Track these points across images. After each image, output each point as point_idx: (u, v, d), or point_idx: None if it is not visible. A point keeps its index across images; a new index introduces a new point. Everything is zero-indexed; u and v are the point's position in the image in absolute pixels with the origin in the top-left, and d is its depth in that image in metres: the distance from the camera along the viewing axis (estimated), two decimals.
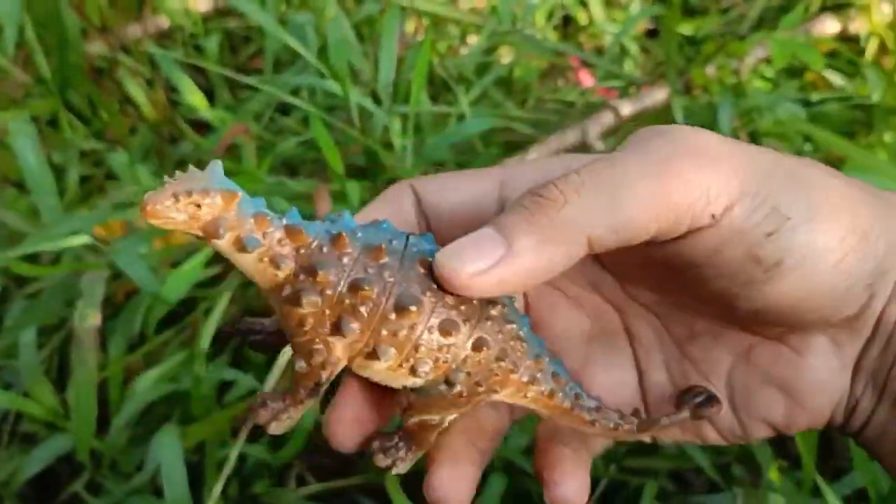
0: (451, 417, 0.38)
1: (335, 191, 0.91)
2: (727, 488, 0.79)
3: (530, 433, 0.81)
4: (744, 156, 0.37)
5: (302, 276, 0.35)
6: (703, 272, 0.38)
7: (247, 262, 0.35)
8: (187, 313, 0.89)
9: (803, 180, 0.37)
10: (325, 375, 0.36)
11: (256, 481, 0.84)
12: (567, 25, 1.45)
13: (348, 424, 0.39)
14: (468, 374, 0.36)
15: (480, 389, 0.37)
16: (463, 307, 0.36)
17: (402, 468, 0.39)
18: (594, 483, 0.84)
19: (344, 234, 0.35)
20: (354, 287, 0.35)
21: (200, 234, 0.34)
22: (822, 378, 0.40)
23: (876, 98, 1.07)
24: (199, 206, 0.33)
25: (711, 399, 0.40)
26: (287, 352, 0.74)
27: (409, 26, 1.34)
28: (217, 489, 0.74)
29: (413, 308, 0.35)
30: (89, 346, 0.67)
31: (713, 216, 0.35)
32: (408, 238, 0.37)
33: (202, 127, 1.21)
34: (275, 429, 0.38)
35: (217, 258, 0.90)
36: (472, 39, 1.33)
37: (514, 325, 0.37)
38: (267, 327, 0.41)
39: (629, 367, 0.44)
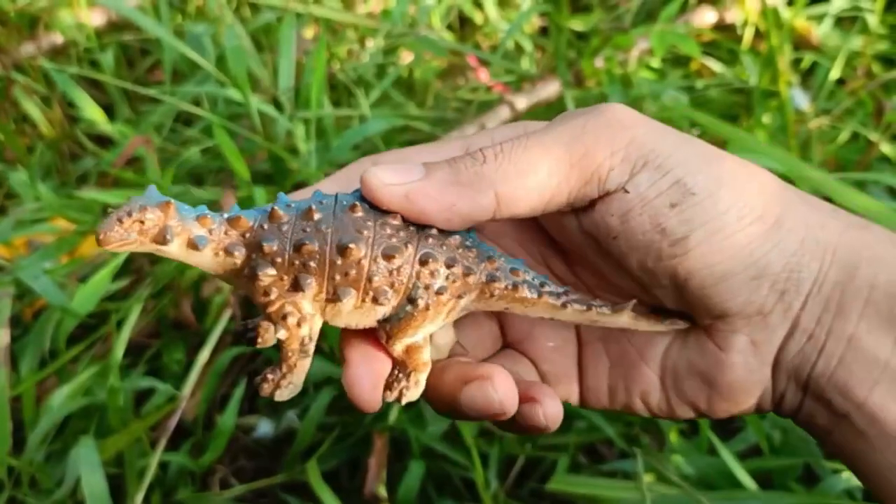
0: (429, 331, 0.41)
1: (242, 197, 0.92)
2: (634, 455, 0.84)
3: (448, 421, 0.84)
4: (656, 131, 0.39)
5: (253, 255, 0.39)
6: (619, 244, 0.40)
7: (205, 259, 0.39)
8: (96, 327, 0.89)
9: (713, 161, 0.39)
10: (305, 332, 0.40)
11: (179, 488, 0.85)
12: (464, 26, 1.48)
13: (364, 380, 0.41)
14: (426, 287, 0.39)
15: (444, 298, 0.40)
16: (401, 233, 0.39)
17: (411, 395, 0.42)
18: (511, 461, 0.87)
19: (276, 207, 0.39)
20: (298, 247, 0.38)
21: (155, 247, 0.38)
22: (740, 375, 0.41)
23: (753, 82, 1.14)
24: (142, 222, 0.37)
25: (685, 316, 0.42)
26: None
27: (308, 32, 1.35)
28: (139, 498, 0.75)
29: (352, 246, 0.38)
30: (0, 365, 0.66)
31: (623, 188, 0.38)
32: (336, 196, 0.40)
33: (102, 142, 1.20)
34: (279, 396, 0.42)
35: (125, 270, 0.90)
36: (371, 43, 1.35)
37: (457, 237, 0.40)
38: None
39: (571, 340, 0.47)
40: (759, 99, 1.12)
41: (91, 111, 1.11)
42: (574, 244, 0.44)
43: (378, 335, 0.41)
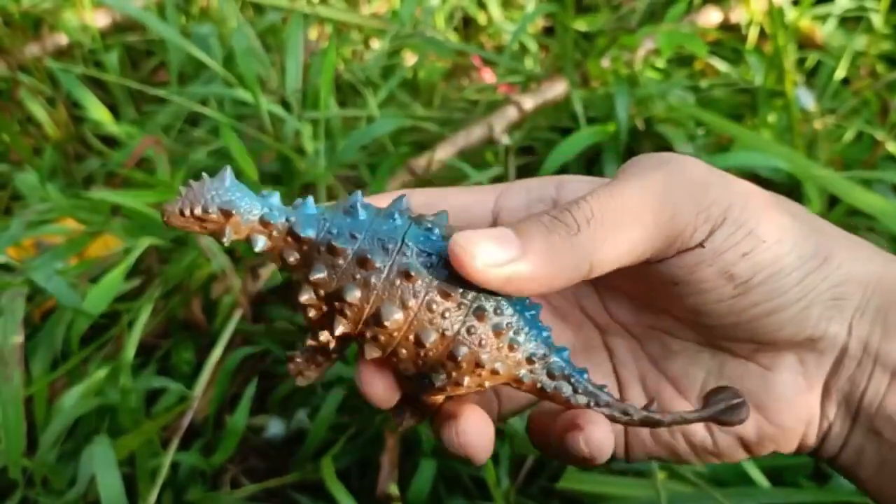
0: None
1: None
2: None
3: None
4: (728, 185, 0.40)
5: (303, 270, 0.38)
6: (680, 289, 0.41)
7: (258, 249, 0.39)
8: (107, 328, 0.89)
9: (776, 207, 0.41)
10: (331, 348, 0.40)
11: (190, 488, 0.85)
12: (467, 27, 1.48)
13: (377, 382, 0.41)
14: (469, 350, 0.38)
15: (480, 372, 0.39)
16: (447, 316, 0.38)
17: (409, 425, 0.42)
18: (521, 460, 0.88)
19: (336, 244, 0.38)
20: (339, 293, 0.37)
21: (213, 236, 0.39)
22: (789, 393, 0.41)
23: (758, 82, 1.14)
24: (202, 220, 0.38)
25: (741, 404, 0.40)
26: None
27: (312, 34, 1.35)
28: (151, 498, 0.75)
29: (388, 322, 0.37)
30: (14, 365, 0.66)
31: (701, 243, 0.39)
32: (403, 239, 0.38)
33: (107, 143, 1.20)
34: (299, 382, 0.42)
35: (135, 270, 0.90)
36: (375, 44, 1.36)
37: (511, 316, 0.39)
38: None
39: (611, 381, 0.46)
40: (765, 98, 1.12)
41: (97, 112, 1.11)
42: (619, 281, 0.44)
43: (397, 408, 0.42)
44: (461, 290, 0.38)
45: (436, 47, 1.20)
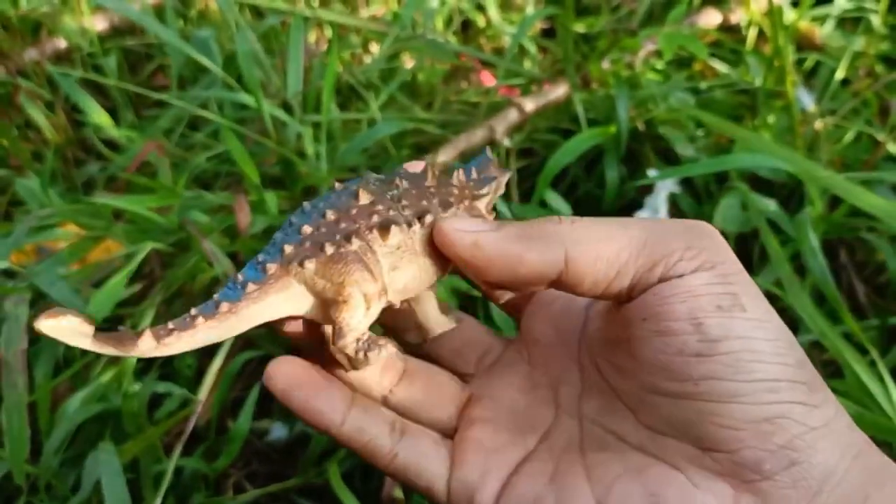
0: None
1: (253, 201, 0.92)
2: None
3: None
4: (728, 254, 0.39)
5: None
6: (646, 327, 0.38)
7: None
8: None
9: (770, 309, 0.38)
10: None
11: (193, 493, 0.84)
12: (466, 29, 1.48)
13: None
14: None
15: None
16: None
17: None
18: None
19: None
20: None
21: None
22: None
23: (758, 83, 1.14)
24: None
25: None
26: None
27: (311, 37, 1.35)
28: None
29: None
30: (19, 371, 0.66)
31: (682, 275, 0.37)
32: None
33: (106, 147, 1.20)
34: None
35: (137, 274, 0.90)
36: (374, 47, 1.35)
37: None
38: None
39: (536, 438, 0.44)
40: (764, 99, 1.12)
41: (98, 116, 1.11)
42: (593, 328, 0.44)
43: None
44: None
45: (437, 50, 1.20)
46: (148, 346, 0.38)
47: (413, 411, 0.46)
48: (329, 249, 0.40)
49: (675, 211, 1.04)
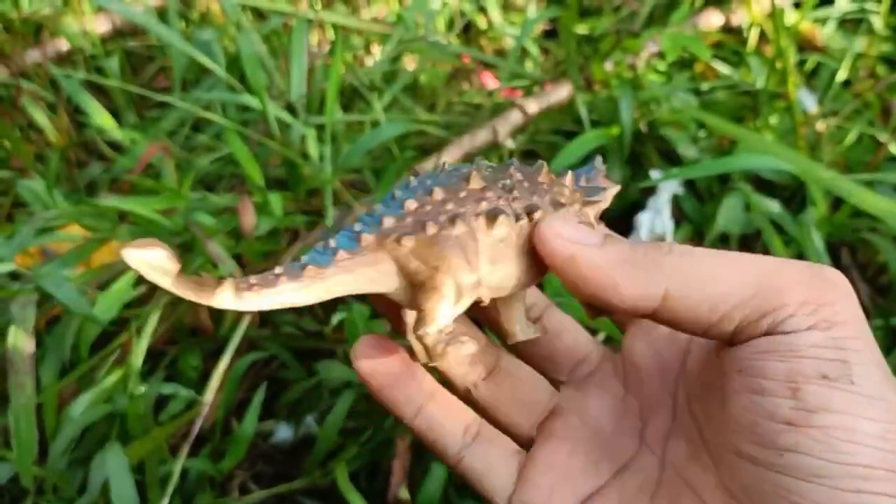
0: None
1: (257, 203, 0.93)
2: None
3: None
4: (860, 314, 0.34)
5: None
6: (739, 381, 0.35)
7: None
8: (112, 335, 0.89)
9: (891, 377, 0.34)
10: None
11: (199, 494, 0.84)
12: (466, 31, 1.49)
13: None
14: None
15: None
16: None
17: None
18: None
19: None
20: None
21: None
22: None
23: (760, 84, 1.15)
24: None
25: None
26: None
27: (312, 39, 1.35)
28: None
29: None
30: (27, 373, 0.66)
31: (791, 332, 0.34)
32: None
33: (109, 149, 1.20)
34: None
35: (142, 277, 0.90)
36: (375, 48, 1.36)
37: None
38: None
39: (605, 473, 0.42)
40: (766, 100, 1.13)
41: (101, 118, 1.11)
42: (693, 366, 0.41)
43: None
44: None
45: (441, 51, 1.20)
46: (227, 296, 0.35)
47: (496, 410, 0.44)
48: (431, 230, 0.37)
49: (678, 212, 1.04)
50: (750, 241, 0.99)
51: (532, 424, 0.44)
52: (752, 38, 1.29)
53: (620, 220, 1.05)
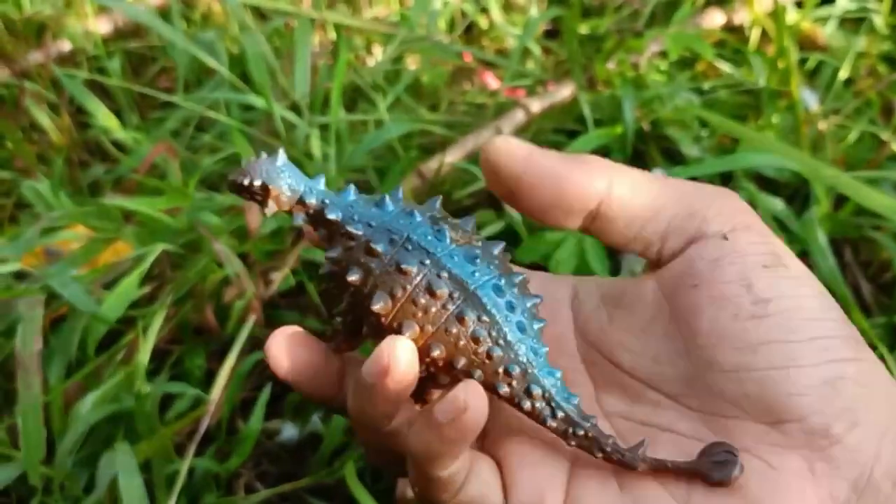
0: None
1: None
2: None
3: None
4: (763, 223, 0.39)
5: (335, 262, 0.41)
6: (699, 294, 0.37)
7: (296, 223, 0.43)
8: (117, 334, 0.89)
9: (798, 261, 0.38)
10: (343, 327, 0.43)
11: (205, 493, 0.85)
12: (468, 31, 1.49)
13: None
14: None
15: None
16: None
17: None
18: None
19: (351, 230, 0.40)
20: (343, 277, 0.40)
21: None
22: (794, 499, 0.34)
23: (762, 83, 1.15)
24: (250, 192, 0.43)
25: (733, 461, 0.35)
26: None
27: (314, 38, 1.36)
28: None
29: (382, 304, 0.39)
30: (34, 373, 0.66)
31: (724, 235, 0.37)
32: (406, 238, 0.39)
33: (111, 150, 1.20)
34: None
35: (148, 275, 0.90)
36: (376, 49, 1.36)
37: (494, 326, 0.38)
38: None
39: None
40: (768, 99, 1.13)
41: (105, 118, 1.11)
42: (597, 324, 0.42)
43: None
44: (449, 291, 0.38)
45: (444, 52, 1.20)
46: None
47: None
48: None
49: None
50: None
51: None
52: (754, 37, 1.29)
53: None
